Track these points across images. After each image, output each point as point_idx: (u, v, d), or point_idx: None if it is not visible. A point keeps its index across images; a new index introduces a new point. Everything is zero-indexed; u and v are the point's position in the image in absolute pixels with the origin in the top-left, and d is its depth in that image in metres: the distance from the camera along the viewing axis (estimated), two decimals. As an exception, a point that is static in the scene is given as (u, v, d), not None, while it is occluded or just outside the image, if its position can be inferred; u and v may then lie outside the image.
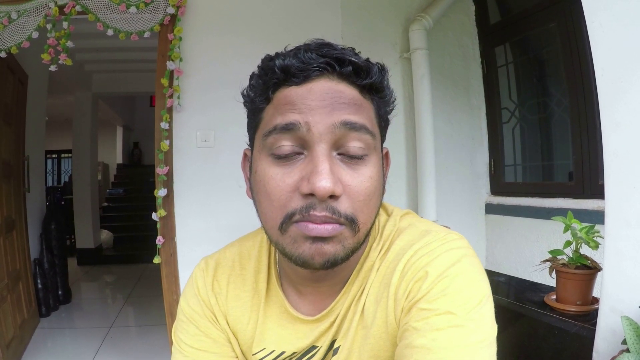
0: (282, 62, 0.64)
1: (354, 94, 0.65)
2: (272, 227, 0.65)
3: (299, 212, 0.61)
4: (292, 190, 0.62)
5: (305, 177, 0.61)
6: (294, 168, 0.63)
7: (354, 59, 0.65)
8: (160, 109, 2.48)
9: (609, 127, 1.06)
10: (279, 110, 0.64)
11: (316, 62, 0.63)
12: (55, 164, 11.13)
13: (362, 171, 0.64)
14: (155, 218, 2.44)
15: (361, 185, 0.63)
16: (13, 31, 2.34)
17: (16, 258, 3.38)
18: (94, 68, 5.77)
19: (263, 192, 0.65)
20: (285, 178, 0.62)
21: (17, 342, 3.07)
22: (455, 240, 0.68)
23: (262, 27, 2.60)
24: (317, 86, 0.63)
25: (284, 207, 0.62)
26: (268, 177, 0.64)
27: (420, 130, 2.69)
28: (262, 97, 0.67)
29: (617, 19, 1.01)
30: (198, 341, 0.80)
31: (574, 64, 2.28)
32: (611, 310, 1.06)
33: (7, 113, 3.26)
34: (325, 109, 0.62)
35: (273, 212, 0.64)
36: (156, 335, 3.52)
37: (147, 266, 6.11)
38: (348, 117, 0.62)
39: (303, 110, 0.62)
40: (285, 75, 0.64)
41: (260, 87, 0.67)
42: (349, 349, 0.72)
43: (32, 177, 3.93)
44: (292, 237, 0.63)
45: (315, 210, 0.60)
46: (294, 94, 0.63)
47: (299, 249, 0.63)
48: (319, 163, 0.60)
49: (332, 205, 0.61)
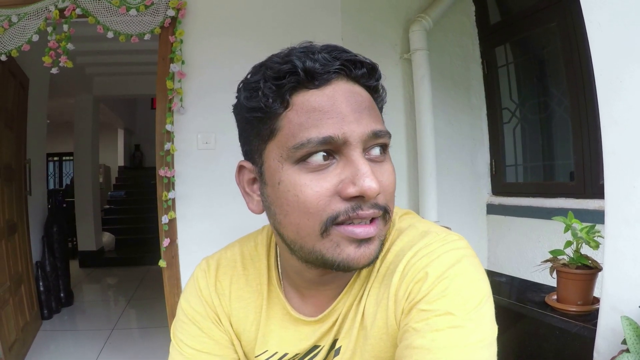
0: (303, 65, 0.62)
1: (368, 97, 0.67)
2: (309, 234, 0.64)
3: (343, 214, 0.61)
4: (331, 195, 0.62)
5: (348, 181, 0.61)
6: (327, 173, 0.62)
7: (366, 60, 0.66)
8: (162, 112, 2.48)
9: (608, 126, 1.06)
10: (306, 119, 0.62)
11: (334, 65, 0.63)
12: (56, 166, 11.14)
13: (386, 167, 0.66)
14: (165, 221, 2.45)
15: (388, 179, 0.66)
16: (13, 34, 2.35)
17: (18, 261, 3.39)
18: (95, 71, 5.77)
19: (294, 202, 0.63)
20: (321, 183, 0.62)
21: (19, 344, 3.08)
22: (455, 241, 0.68)
23: (262, 30, 2.61)
24: (338, 90, 0.63)
25: (323, 211, 0.62)
26: (300, 185, 0.62)
27: (421, 131, 2.70)
28: (278, 102, 0.63)
29: (615, 18, 1.01)
30: (199, 342, 0.80)
31: (574, 63, 2.28)
32: (611, 309, 1.06)
33: (8, 116, 3.27)
34: (353, 115, 0.62)
35: (310, 219, 0.62)
36: (158, 338, 3.53)
37: (149, 268, 6.13)
38: (375, 127, 0.63)
39: (336, 119, 0.61)
40: (308, 78, 0.62)
41: (274, 92, 0.63)
42: (351, 350, 0.72)
43: (33, 180, 3.93)
44: (335, 242, 0.63)
45: (362, 210, 0.61)
46: (318, 98, 0.63)
47: (342, 253, 0.63)
48: (361, 166, 0.61)
49: (375, 202, 0.63)
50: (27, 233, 3.73)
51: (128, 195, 9.07)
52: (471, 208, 2.97)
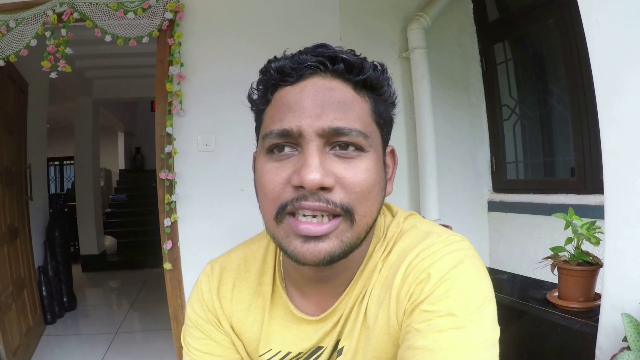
0: (277, 64, 0.67)
1: (346, 91, 0.66)
2: (269, 219, 0.67)
3: (290, 203, 0.63)
4: (285, 183, 0.64)
5: (296, 171, 0.63)
6: (287, 163, 0.65)
7: (346, 56, 0.66)
8: (161, 114, 2.48)
9: (607, 125, 1.06)
10: (276, 112, 0.67)
11: (309, 61, 0.65)
12: (57, 171, 11.14)
13: (357, 164, 0.65)
14: (168, 224, 2.45)
15: (356, 177, 0.64)
16: (11, 39, 2.35)
17: (20, 266, 3.39)
18: (94, 74, 5.77)
19: (260, 187, 0.68)
20: (279, 172, 0.65)
21: (23, 349, 3.08)
22: (458, 242, 0.68)
23: (261, 30, 2.61)
24: (309, 84, 0.66)
25: (277, 198, 0.65)
26: (264, 172, 0.67)
27: (420, 130, 2.70)
28: (262, 99, 0.71)
29: (613, 16, 1.01)
30: (204, 344, 0.83)
31: (573, 60, 2.28)
32: (612, 307, 1.06)
33: (8, 121, 3.27)
34: (315, 110, 0.63)
35: (268, 204, 0.67)
36: (162, 340, 3.52)
37: (152, 271, 6.14)
38: (336, 123, 0.63)
39: (296, 113, 0.64)
40: (281, 76, 0.67)
41: (262, 90, 0.71)
42: (354, 351, 0.72)
43: (34, 185, 3.94)
44: (286, 231, 0.66)
45: (307, 200, 0.62)
46: (288, 94, 0.66)
47: (290, 244, 0.65)
48: (308, 157, 0.62)
49: (326, 197, 0.63)
50: (29, 238, 3.73)
51: (129, 198, 9.07)
52: (472, 205, 2.97)
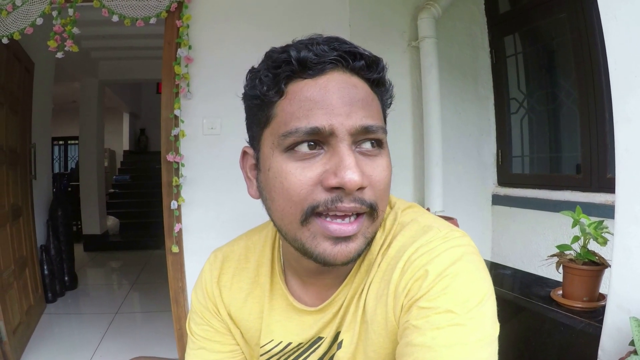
0: (297, 54, 0.63)
1: (366, 89, 0.66)
2: (291, 222, 0.65)
3: (323, 205, 0.62)
4: (313, 184, 0.62)
5: (330, 171, 0.61)
6: (313, 162, 0.63)
7: (365, 52, 0.66)
8: (168, 97, 2.47)
9: (621, 122, 1.04)
10: (297, 108, 0.63)
11: (330, 55, 0.63)
12: (62, 150, 11.17)
13: (379, 162, 0.66)
14: (174, 206, 2.45)
15: (380, 174, 0.65)
16: (17, 17, 2.33)
17: (23, 245, 3.41)
18: (100, 55, 5.77)
19: (279, 189, 0.64)
20: (305, 172, 0.62)
21: (23, 327, 3.11)
22: (457, 238, 0.67)
23: (269, 15, 2.59)
24: (332, 81, 0.63)
25: (305, 200, 0.62)
26: (285, 172, 0.63)
27: (427, 120, 2.68)
28: (273, 91, 0.65)
29: (632, 12, 0.99)
30: (204, 330, 0.87)
31: (584, 55, 2.25)
32: (618, 308, 1.05)
33: (13, 101, 3.27)
34: (344, 108, 0.62)
35: (292, 207, 0.64)
36: (161, 322, 3.56)
37: (153, 252, 6.18)
38: (366, 122, 0.63)
39: (325, 110, 0.62)
40: (301, 68, 0.63)
41: (271, 80, 0.65)
42: (354, 344, 0.72)
43: (38, 164, 3.95)
44: (312, 233, 0.64)
45: (342, 202, 0.61)
46: (311, 88, 0.63)
47: (318, 246, 0.64)
48: (345, 157, 0.61)
49: (360, 197, 0.62)
50: (32, 217, 3.75)
51: (133, 179, 9.10)
52: (476, 198, 2.96)
